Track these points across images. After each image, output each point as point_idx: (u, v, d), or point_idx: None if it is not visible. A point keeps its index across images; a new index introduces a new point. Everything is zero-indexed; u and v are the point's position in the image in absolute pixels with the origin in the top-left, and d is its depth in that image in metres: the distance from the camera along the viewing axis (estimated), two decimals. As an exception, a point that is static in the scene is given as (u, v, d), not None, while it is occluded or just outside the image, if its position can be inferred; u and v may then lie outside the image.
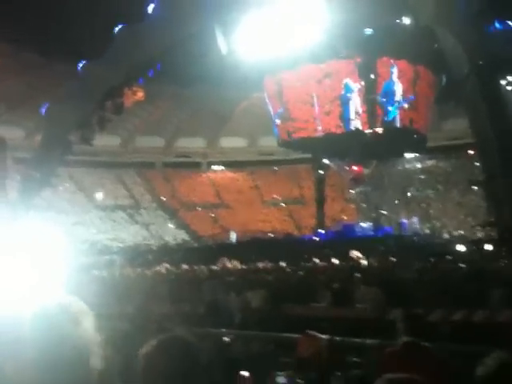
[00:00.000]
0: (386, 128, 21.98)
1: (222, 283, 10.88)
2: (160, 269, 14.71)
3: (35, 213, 23.79)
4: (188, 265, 14.57)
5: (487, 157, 17.10)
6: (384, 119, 21.89)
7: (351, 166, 27.42)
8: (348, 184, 32.81)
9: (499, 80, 17.39)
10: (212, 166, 49.98)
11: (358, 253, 14.39)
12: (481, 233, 26.32)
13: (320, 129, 22.68)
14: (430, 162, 42.42)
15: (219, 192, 47.20)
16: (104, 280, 13.25)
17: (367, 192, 36.19)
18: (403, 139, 24.66)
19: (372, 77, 21.17)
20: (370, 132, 21.74)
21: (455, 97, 20.57)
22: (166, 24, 21.44)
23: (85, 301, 1.51)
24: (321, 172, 32.22)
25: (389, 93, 21.74)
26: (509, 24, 18.77)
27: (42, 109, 25.57)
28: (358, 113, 21.70)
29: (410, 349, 4.12)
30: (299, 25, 19.67)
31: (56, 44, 36.90)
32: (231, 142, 49.39)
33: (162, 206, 45.09)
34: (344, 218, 35.44)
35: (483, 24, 17.62)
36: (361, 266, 12.29)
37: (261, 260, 14.16)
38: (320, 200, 32.46)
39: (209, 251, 24.04)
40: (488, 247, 15.21)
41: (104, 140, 38.01)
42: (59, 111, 24.25)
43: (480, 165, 19.56)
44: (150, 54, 21.98)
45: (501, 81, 17.56)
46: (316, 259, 13.56)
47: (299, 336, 4.87)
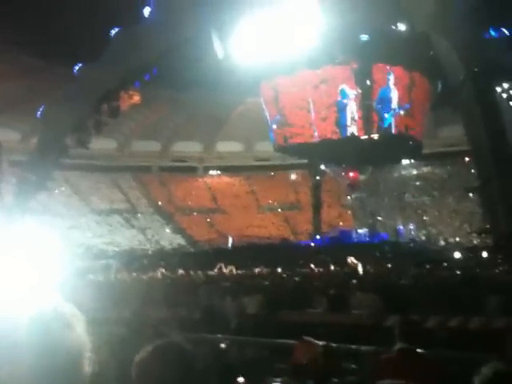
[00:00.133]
0: (382, 134, 22.02)
1: (218, 288, 10.85)
2: (156, 274, 14.67)
3: (31, 216, 23.71)
4: (184, 270, 14.54)
5: (482, 164, 17.16)
6: (380, 125, 21.93)
7: (347, 172, 27.47)
8: (344, 190, 32.87)
9: (494, 86, 17.50)
10: (208, 171, 49.98)
11: (354, 259, 14.39)
12: (476, 240, 26.39)
13: (316, 134, 22.69)
14: (426, 169, 42.56)
15: (215, 197, 47.18)
16: (100, 284, 13.20)
17: (363, 198, 36.29)
18: (399, 146, 24.71)
19: (368, 83, 21.22)
20: (366, 138, 21.78)
21: (451, 103, 20.67)
22: (163, 28, 21.48)
23: (80, 305, 1.50)
24: (317, 178, 32.28)
25: (385, 99, 21.79)
26: (503, 31, 18.91)
27: (38, 112, 25.54)
28: (354, 119, 21.74)
29: (405, 355, 4.12)
30: (295, 30, 19.72)
31: (54, 46, 36.82)
32: (227, 147, 49.39)
33: (159, 211, 45.00)
34: (340, 224, 35.48)
35: (478, 31, 17.74)
36: (357, 272, 12.29)
37: (257, 265, 14.14)
38: (316, 206, 32.51)
39: (205, 256, 24.01)
40: (484, 254, 15.24)
41: (100, 144, 37.98)
42: (55, 114, 24.22)
43: (475, 171, 19.62)
44: (147, 58, 22.00)
45: (496, 87, 17.67)
46: (312, 265, 13.55)
47: (295, 342, 4.85)
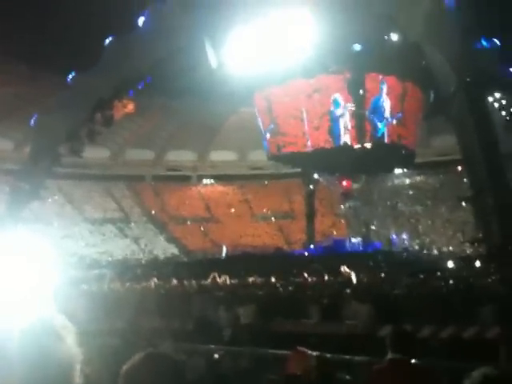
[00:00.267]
0: (375, 143, 22.11)
1: (212, 298, 10.82)
2: (149, 283, 14.61)
3: (23, 225, 23.55)
4: (177, 279, 14.49)
5: (475, 173, 17.21)
6: (373, 135, 22.03)
7: (341, 181, 27.55)
8: (338, 199, 32.93)
9: (486, 97, 17.63)
10: (202, 180, 49.94)
11: (348, 268, 14.40)
12: (469, 249, 26.48)
13: (309, 144, 22.73)
14: (419, 178, 42.76)
15: (209, 206, 47.11)
16: (93, 294, 13.13)
17: (357, 207, 36.34)
18: (392, 155, 24.80)
19: (361, 92, 21.34)
20: (359, 147, 21.86)
21: (443, 113, 20.80)
22: (156, 37, 21.51)
23: (73, 315, 1.51)
24: (310, 186, 32.31)
25: (377, 108, 21.90)
26: (495, 42, 19.10)
27: (31, 120, 25.46)
28: (347, 128, 21.82)
29: (398, 366, 4.13)
30: (289, 40, 19.82)
31: (47, 55, 36.89)
32: (221, 156, 49.42)
33: (152, 220, 44.86)
34: (334, 233, 35.50)
35: (470, 41, 17.90)
36: (351, 282, 12.29)
37: (251, 275, 14.12)
38: (310, 215, 32.51)
39: (198, 266, 23.92)
40: (477, 264, 15.30)
41: (93, 152, 37.91)
42: (48, 123, 24.12)
43: (468, 181, 19.72)
44: (140, 67, 21.99)
45: (488, 97, 17.81)
46: (306, 274, 13.54)
47: (288, 352, 4.85)
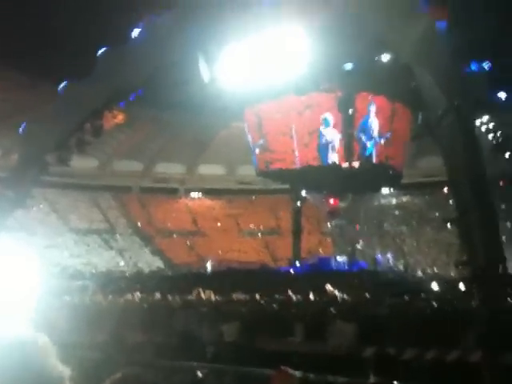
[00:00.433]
0: (363, 163, 22.28)
1: (196, 313, 10.73)
2: (132, 297, 14.45)
3: (7, 234, 23.25)
4: (161, 293, 14.35)
5: (460, 195, 17.39)
6: (361, 154, 22.21)
7: (328, 199, 27.66)
8: (324, 217, 33.02)
9: (474, 120, 17.89)
10: (189, 193, 49.82)
11: (333, 287, 14.39)
12: (454, 271, 26.63)
13: (298, 161, 22.86)
14: (405, 198, 43.11)
15: (196, 219, 46.95)
16: (75, 306, 12.95)
17: (343, 226, 36.46)
18: (379, 175, 25.00)
19: (350, 112, 21.55)
20: (347, 166, 22.01)
21: (430, 135, 21.06)
22: (150, 50, 21.60)
23: (54, 326, 1.49)
24: (298, 203, 32.36)
25: (366, 128, 22.11)
26: (483, 66, 19.47)
27: (20, 128, 25.30)
28: (336, 147, 22.00)
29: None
30: (281, 57, 20.01)
31: (37, 63, 36.78)
32: (209, 170, 49.42)
33: (138, 232, 44.55)
34: (320, 251, 35.52)
35: (460, 65, 18.21)
36: (335, 301, 12.27)
37: (235, 291, 14.03)
38: (296, 232, 32.50)
39: (183, 280, 23.75)
40: (461, 286, 15.37)
41: (81, 162, 37.71)
42: (36, 131, 24.02)
43: (453, 202, 19.91)
44: (133, 79, 22.04)
45: (475, 120, 18.08)
46: (290, 292, 13.50)
47: (272, 371, 4.82)
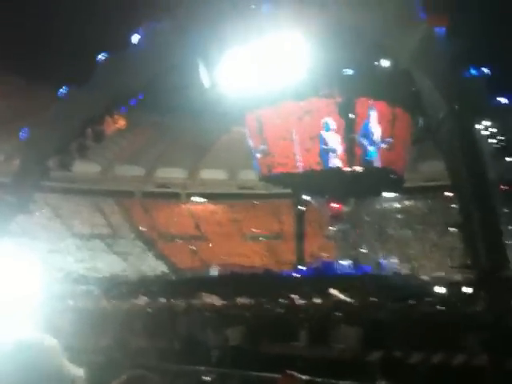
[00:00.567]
0: (364, 167, 22.30)
1: (200, 318, 10.74)
2: (136, 301, 14.46)
3: (10, 239, 23.31)
4: (165, 298, 14.35)
5: (463, 199, 17.43)
6: (362, 159, 22.24)
7: (330, 203, 27.65)
8: (327, 221, 32.98)
9: (474, 124, 17.92)
10: (191, 198, 49.83)
11: (337, 291, 14.38)
12: (457, 275, 26.58)
13: (300, 165, 22.88)
14: (408, 202, 43.05)
15: (198, 224, 46.93)
16: (79, 311, 12.96)
17: (346, 230, 36.42)
18: (381, 179, 25.01)
19: (351, 116, 21.58)
20: (349, 171, 22.03)
21: (431, 139, 21.10)
22: (150, 55, 21.70)
23: (58, 331, 1.52)
24: (300, 208, 32.36)
25: (367, 133, 22.13)
26: (483, 71, 19.52)
27: (21, 133, 25.39)
28: (338, 151, 22.03)
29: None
30: (282, 62, 20.07)
31: (38, 68, 36.93)
32: (211, 174, 49.45)
33: (141, 237, 44.55)
34: (323, 255, 35.45)
35: (460, 70, 18.27)
36: (339, 305, 12.26)
37: (239, 295, 14.03)
38: (299, 236, 32.49)
39: (187, 284, 23.74)
40: (465, 290, 15.36)
41: (83, 167, 37.80)
42: (38, 136, 24.11)
43: (456, 207, 19.91)
44: (133, 84, 22.13)
45: (476, 124, 18.10)
46: (295, 296, 13.49)
47: (278, 376, 4.83)
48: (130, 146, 44.23)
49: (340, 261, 28.32)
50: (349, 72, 20.34)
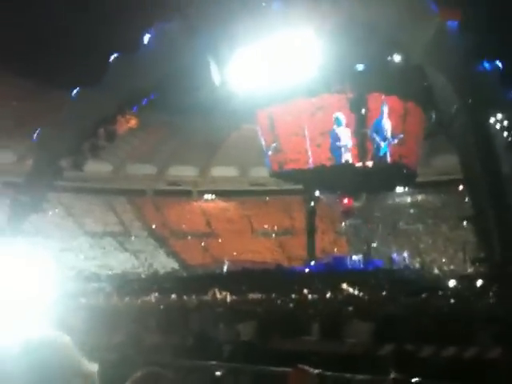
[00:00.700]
0: (376, 162, 22.20)
1: (212, 314, 10.79)
2: (149, 298, 14.56)
3: (23, 238, 23.54)
4: (177, 294, 14.43)
5: (476, 193, 17.26)
6: (374, 154, 22.14)
7: (342, 199, 27.58)
8: (338, 216, 32.93)
9: (488, 118, 17.73)
10: (203, 195, 49.98)
11: (349, 286, 14.37)
12: (471, 268, 26.39)
13: (311, 161, 22.86)
14: (420, 197, 42.82)
15: (210, 221, 47.10)
16: (91, 308, 13.07)
17: (357, 225, 36.35)
18: (393, 174, 24.89)
19: (363, 112, 21.49)
20: (361, 166, 21.95)
21: (444, 133, 20.93)
22: (161, 55, 21.76)
23: (71, 329, 1.53)
24: (312, 204, 32.32)
25: (379, 128, 22.03)
26: (497, 64, 19.28)
27: (34, 134, 25.60)
28: (349, 146, 21.96)
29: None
30: (292, 59, 20.03)
31: (49, 69, 37.17)
32: (222, 172, 49.55)
33: (152, 234, 44.83)
34: (334, 251, 35.41)
35: (472, 63, 18.07)
36: (351, 300, 12.25)
37: (251, 291, 14.07)
38: (311, 231, 32.46)
39: (198, 281, 23.85)
40: (478, 283, 15.25)
41: (95, 166, 38.05)
42: (51, 137, 24.29)
43: (469, 200, 19.74)
44: (145, 84, 22.22)
45: (489, 119, 17.90)
46: (306, 291, 13.50)
47: (289, 370, 4.83)
48: (142, 145, 44.45)
49: (352, 256, 28.28)
50: (360, 67, 20.25)
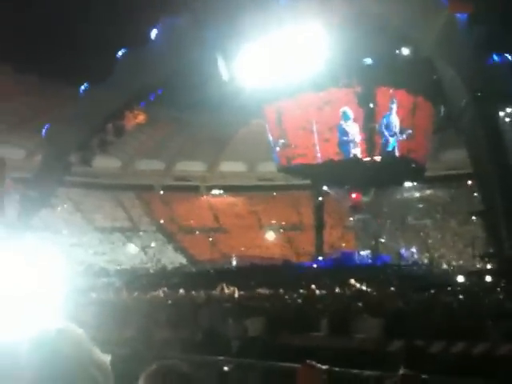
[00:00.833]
0: (385, 157, 22.09)
1: (220, 309, 10.81)
2: (157, 293, 14.62)
3: (33, 233, 23.71)
4: (185, 290, 14.47)
5: (486, 188, 17.17)
6: (383, 148, 22.03)
7: (350, 194, 27.50)
8: (347, 211, 32.82)
9: (497, 111, 17.58)
10: (211, 190, 50.03)
11: (357, 281, 14.33)
12: (480, 264, 26.24)
13: (319, 156, 22.78)
14: (429, 192, 42.53)
15: (218, 216, 47.15)
16: (101, 303, 13.15)
17: (366, 220, 36.17)
18: (402, 168, 24.77)
19: (371, 106, 21.37)
20: (369, 160, 21.85)
21: (453, 127, 20.78)
22: (169, 50, 21.76)
23: (81, 323, 1.53)
24: (320, 198, 32.25)
25: (388, 122, 21.91)
26: (506, 57, 19.09)
27: (43, 130, 25.73)
28: (357, 141, 21.85)
29: (409, 381, 4.09)
30: (300, 54, 19.95)
31: (58, 66, 37.25)
32: (230, 167, 49.54)
33: (161, 229, 44.97)
34: (343, 246, 35.35)
35: (482, 57, 17.91)
36: (360, 295, 12.22)
37: (259, 286, 14.08)
38: (319, 227, 32.43)
39: (207, 276, 23.92)
40: (487, 278, 15.16)
41: (104, 162, 38.18)
42: (60, 133, 24.41)
43: (479, 195, 19.62)
44: (152, 79, 22.24)
45: (498, 112, 17.76)
46: (314, 287, 13.48)
47: (298, 366, 4.82)
48: (150, 141, 44.53)
49: (360, 251, 28.21)
50: (369, 61, 20.13)
